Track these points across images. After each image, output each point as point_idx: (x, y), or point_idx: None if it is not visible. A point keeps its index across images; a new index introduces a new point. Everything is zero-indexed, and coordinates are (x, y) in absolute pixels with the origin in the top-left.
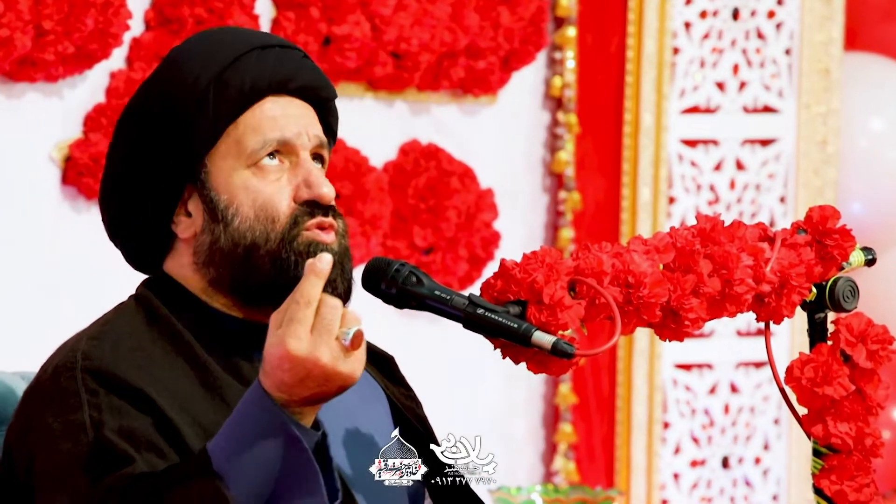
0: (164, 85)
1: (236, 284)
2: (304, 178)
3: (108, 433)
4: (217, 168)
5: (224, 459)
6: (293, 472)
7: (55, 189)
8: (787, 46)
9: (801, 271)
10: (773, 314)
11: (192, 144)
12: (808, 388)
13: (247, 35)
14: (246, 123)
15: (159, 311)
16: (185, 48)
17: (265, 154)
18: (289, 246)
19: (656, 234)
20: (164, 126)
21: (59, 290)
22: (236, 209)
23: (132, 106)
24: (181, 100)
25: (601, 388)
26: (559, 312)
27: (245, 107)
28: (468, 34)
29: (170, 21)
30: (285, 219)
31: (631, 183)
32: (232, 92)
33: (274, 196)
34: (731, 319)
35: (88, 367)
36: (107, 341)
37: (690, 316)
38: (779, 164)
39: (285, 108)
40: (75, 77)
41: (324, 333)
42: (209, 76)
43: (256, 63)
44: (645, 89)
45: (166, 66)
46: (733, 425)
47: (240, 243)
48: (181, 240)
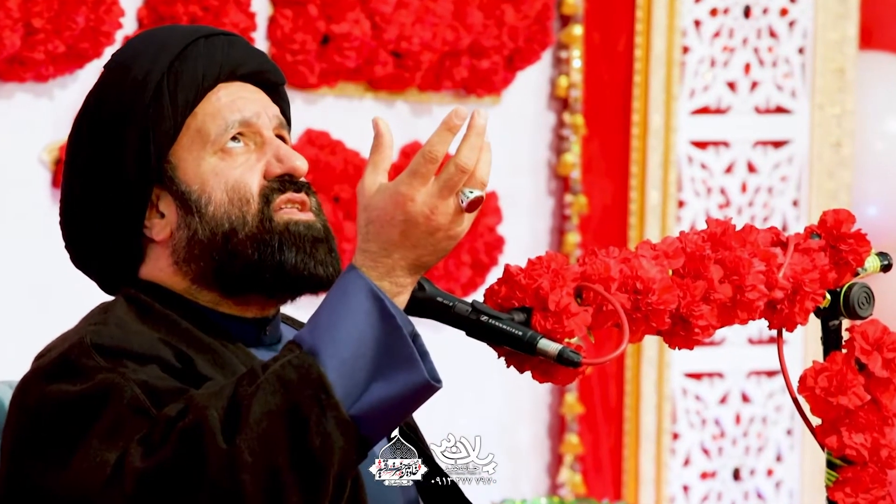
0: (113, 89)
1: (220, 275)
2: (273, 153)
3: (148, 379)
4: (182, 161)
5: (315, 339)
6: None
7: (45, 192)
8: (800, 45)
9: (815, 277)
10: (786, 321)
11: (155, 142)
12: (822, 398)
13: (188, 28)
14: (204, 112)
15: (152, 307)
16: (127, 50)
17: (229, 137)
18: (269, 226)
19: (665, 238)
20: (121, 130)
21: (49, 295)
22: (209, 196)
23: (82, 119)
24: (135, 99)
25: (608, 398)
26: (565, 319)
27: (200, 96)
28: (471, 33)
29: (163, 19)
30: (258, 197)
31: (639, 186)
32: (186, 81)
33: (244, 175)
34: (742, 327)
35: (100, 343)
36: (111, 325)
37: (700, 323)
38: (792, 166)
39: (239, 91)
40: (66, 77)
41: (444, 189)
42: (160, 70)
43: (205, 51)
44: (654, 89)
45: (111, 70)
46: (745, 436)
47: (217, 231)
48: (156, 243)
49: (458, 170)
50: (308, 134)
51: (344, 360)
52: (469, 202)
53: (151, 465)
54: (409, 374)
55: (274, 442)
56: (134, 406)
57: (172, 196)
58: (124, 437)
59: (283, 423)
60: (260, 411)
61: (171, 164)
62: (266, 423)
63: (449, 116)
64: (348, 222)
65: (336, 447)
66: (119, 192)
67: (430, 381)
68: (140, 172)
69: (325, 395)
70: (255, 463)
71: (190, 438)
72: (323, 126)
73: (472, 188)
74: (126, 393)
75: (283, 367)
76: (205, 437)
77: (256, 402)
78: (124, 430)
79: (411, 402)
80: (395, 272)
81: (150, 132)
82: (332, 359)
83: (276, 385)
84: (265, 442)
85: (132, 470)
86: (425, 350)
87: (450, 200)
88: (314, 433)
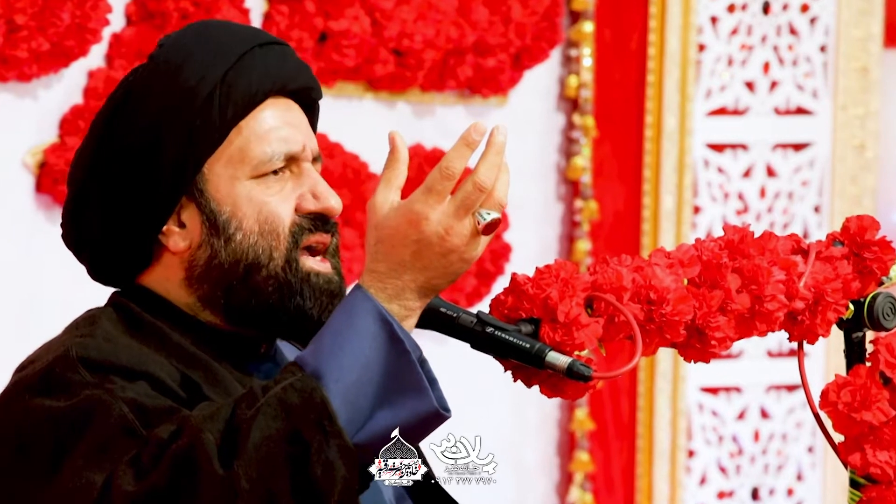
0: (160, 87)
1: (230, 305)
2: (310, 188)
3: (136, 397)
4: (216, 176)
5: (318, 362)
6: (395, 375)
7: (29, 197)
8: (822, 43)
9: (838, 286)
10: (807, 333)
11: (194, 151)
12: (845, 414)
13: (243, 31)
14: (250, 129)
15: (142, 318)
16: (179, 46)
17: (272, 169)
18: (294, 269)
19: (680, 246)
20: (161, 132)
21: (33, 304)
22: (239, 222)
23: (118, 108)
24: (183, 104)
25: (621, 414)
26: (575, 331)
27: (248, 110)
28: (476, 30)
29: (153, 15)
30: (287, 233)
31: (653, 191)
32: (238, 94)
33: (278, 207)
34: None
35: (86, 357)
36: (97, 337)
37: (717, 335)
38: (813, 170)
39: (286, 114)
40: (50, 76)
41: (460, 208)
42: (214, 77)
43: (260, 62)
44: (668, 89)
45: (159, 66)
46: (764, 454)
47: (241, 260)
48: (170, 253)
49: (476, 188)
50: None
51: (349, 385)
52: (486, 224)
53: (142, 490)
54: (417, 401)
55: (273, 469)
56: (121, 425)
57: (199, 210)
58: (111, 458)
59: (283, 449)
60: (260, 436)
61: (204, 176)
62: (266, 449)
63: (467, 131)
64: (347, 228)
65: (338, 476)
66: (146, 194)
67: (439, 409)
68: (173, 180)
69: (328, 422)
70: (252, 490)
71: (184, 462)
72: (320, 128)
73: (489, 209)
74: (114, 411)
75: (285, 391)
76: (199, 461)
77: (256, 426)
78: (111, 451)
79: (418, 431)
80: (404, 294)
81: (193, 141)
82: (336, 383)
83: (277, 409)
84: (264, 468)
85: (121, 494)
86: (434, 377)
87: (466, 221)
88: (315, 461)
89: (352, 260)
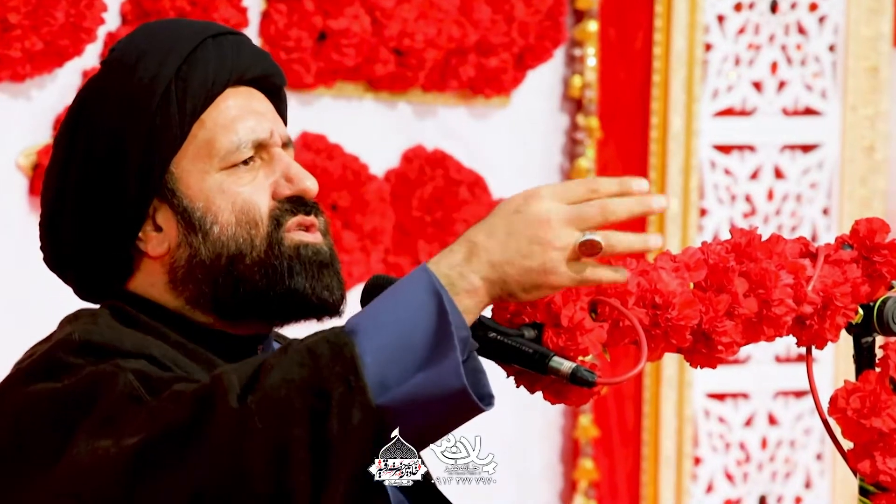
0: (115, 91)
1: (219, 301)
2: (283, 172)
3: (139, 367)
4: (185, 173)
5: (358, 320)
6: (433, 346)
7: (22, 199)
8: (830, 42)
9: (847, 291)
10: (816, 338)
11: (159, 152)
12: (855, 420)
13: (193, 25)
14: (213, 121)
15: (138, 318)
16: (129, 48)
17: (241, 158)
18: (277, 251)
19: (686, 249)
20: (122, 137)
21: (26, 305)
22: (215, 216)
23: (76, 120)
24: (140, 103)
25: (625, 420)
26: (579, 336)
27: (208, 102)
28: (479, 29)
29: (148, 14)
30: (267, 219)
31: (658, 193)
32: (195, 87)
33: (253, 196)
34: (768, 344)
35: (90, 341)
36: (101, 325)
37: (724, 340)
38: (822, 172)
39: (249, 102)
40: (44, 76)
41: (576, 217)
42: (169, 72)
43: (214, 53)
44: (674, 90)
45: (112, 70)
46: (771, 461)
47: (222, 253)
48: (150, 258)
49: (600, 211)
50: (304, 137)
51: (383, 345)
52: (586, 242)
53: (159, 428)
54: (443, 377)
55: (291, 415)
56: (128, 393)
57: (173, 210)
58: (119, 427)
59: (302, 395)
60: (279, 378)
61: (173, 174)
62: (284, 392)
63: (629, 179)
64: (347, 231)
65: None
66: (116, 203)
67: (468, 391)
68: (141, 183)
69: (353, 377)
70: (265, 431)
71: (203, 398)
72: (320, 129)
73: (602, 235)
74: (119, 380)
75: (317, 342)
76: (216, 396)
77: (278, 367)
78: (119, 421)
79: (445, 411)
80: (471, 262)
81: (155, 141)
82: (370, 341)
83: (304, 356)
84: (280, 411)
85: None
86: (479, 367)
87: (571, 229)
88: (335, 414)
89: (351, 263)
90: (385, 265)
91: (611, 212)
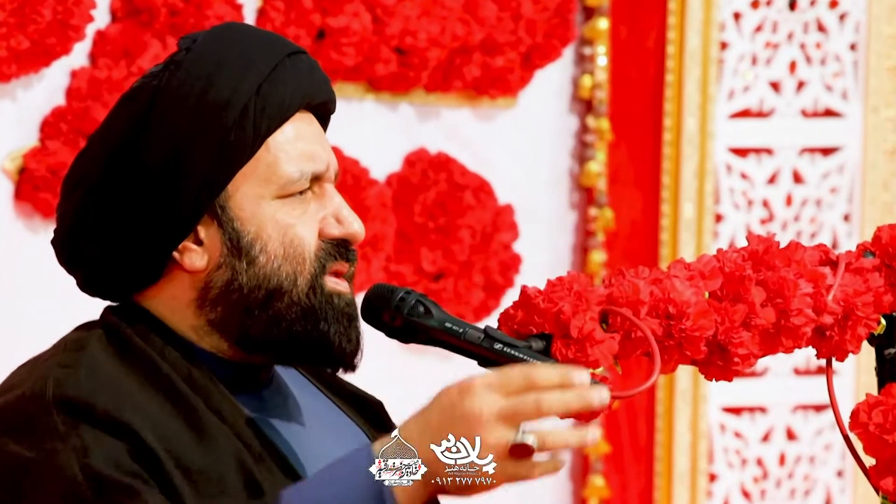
0: (191, 98)
1: (246, 331)
2: (333, 212)
3: (98, 463)
4: (241, 195)
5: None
6: None
7: (7, 205)
8: (851, 41)
9: (869, 300)
10: (836, 350)
11: (226, 167)
12: (877, 436)
13: (271, 39)
14: (278, 146)
15: (133, 342)
16: (206, 52)
17: (299, 189)
18: (320, 295)
19: (701, 257)
20: (192, 145)
21: (10, 317)
22: (264, 244)
23: (142, 118)
24: (215, 119)
25: (638, 435)
26: (589, 348)
27: (280, 124)
28: (484, 27)
29: (139, 11)
30: (313, 258)
31: (672, 198)
32: (272, 108)
33: (303, 231)
34: (787, 356)
35: (62, 396)
36: (81, 370)
37: (740, 352)
38: (842, 176)
39: (310, 129)
40: (31, 76)
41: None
42: (250, 88)
43: (292, 74)
44: (688, 90)
45: (189, 74)
46: (790, 478)
47: (263, 285)
48: (183, 271)
49: (535, 408)
50: None
51: None
52: (517, 444)
53: None
54: None
55: None
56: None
57: (221, 229)
58: None
59: None
60: None
61: (228, 193)
62: None
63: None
64: None
65: None
66: (167, 211)
67: None
68: (199, 196)
69: None
70: None
71: None
72: None
73: (536, 433)
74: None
75: None
76: None
77: None
78: None
79: None
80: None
81: (225, 156)
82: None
83: None
84: None
85: None
86: None
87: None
88: None
89: None
90: (386, 273)
91: (547, 408)
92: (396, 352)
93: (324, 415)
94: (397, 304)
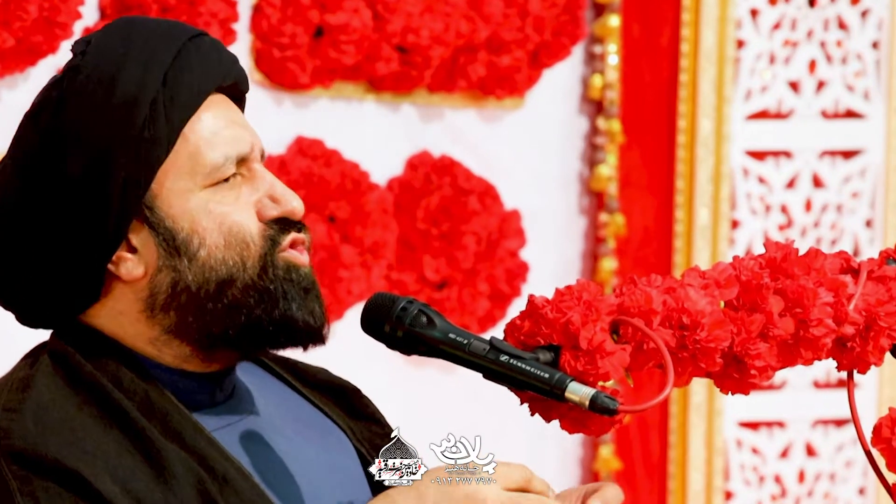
0: (98, 102)
1: (206, 330)
2: (266, 192)
3: None
4: (166, 191)
5: None
6: None
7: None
8: (874, 38)
9: (892, 310)
10: (858, 362)
11: (146, 167)
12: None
13: (167, 25)
14: (196, 134)
15: (82, 371)
16: (105, 55)
17: (226, 174)
18: (272, 273)
19: (716, 265)
20: (109, 151)
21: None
22: (202, 238)
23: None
24: (125, 116)
25: (650, 452)
26: (599, 360)
27: (192, 112)
28: (490, 24)
29: (129, 8)
30: (260, 241)
31: (686, 203)
32: (182, 96)
33: (239, 216)
34: (806, 368)
35: (11, 448)
36: (27, 414)
37: (758, 364)
38: (864, 180)
39: (227, 112)
40: (16, 75)
41: None
42: (155, 83)
43: (196, 58)
44: (703, 90)
45: (90, 78)
46: (810, 496)
47: (210, 278)
48: (122, 283)
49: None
50: (299, 142)
51: None
52: None
53: None
54: None
55: None
56: None
57: (153, 231)
58: None
59: None
60: None
61: (153, 192)
62: None
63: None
64: (345, 245)
65: None
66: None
67: None
68: (125, 203)
69: None
70: None
71: None
72: (316, 133)
73: None
74: None
75: None
76: None
77: None
78: None
79: None
80: None
81: (143, 156)
82: None
83: None
84: None
85: None
86: None
87: None
88: None
89: (351, 280)
90: (388, 282)
91: None
92: (398, 363)
93: (295, 414)
94: (399, 314)
